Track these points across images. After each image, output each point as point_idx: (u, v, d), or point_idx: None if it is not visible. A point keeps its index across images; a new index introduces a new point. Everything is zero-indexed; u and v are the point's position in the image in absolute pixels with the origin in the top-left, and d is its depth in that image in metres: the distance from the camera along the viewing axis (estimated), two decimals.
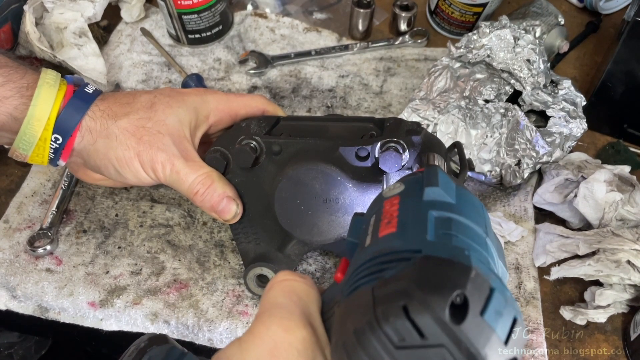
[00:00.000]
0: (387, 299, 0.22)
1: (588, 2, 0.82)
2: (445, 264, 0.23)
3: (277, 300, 0.28)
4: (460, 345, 0.21)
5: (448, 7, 0.76)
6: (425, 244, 0.24)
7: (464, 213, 0.26)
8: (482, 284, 0.22)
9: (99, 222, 0.60)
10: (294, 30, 0.79)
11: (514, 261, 0.58)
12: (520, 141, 0.60)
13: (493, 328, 0.21)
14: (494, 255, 0.26)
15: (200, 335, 0.53)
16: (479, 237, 0.26)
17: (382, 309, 0.22)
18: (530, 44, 0.62)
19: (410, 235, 0.25)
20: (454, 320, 0.21)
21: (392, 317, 0.22)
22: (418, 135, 0.47)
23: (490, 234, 0.27)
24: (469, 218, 0.26)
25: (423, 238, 0.25)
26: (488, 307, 0.21)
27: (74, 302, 0.54)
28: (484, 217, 0.28)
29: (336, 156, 0.48)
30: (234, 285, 0.56)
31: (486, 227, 0.27)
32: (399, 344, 0.22)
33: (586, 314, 0.54)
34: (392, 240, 0.26)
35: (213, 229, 0.60)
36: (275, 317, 0.27)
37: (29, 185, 0.61)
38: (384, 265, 0.25)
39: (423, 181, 0.28)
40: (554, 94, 0.62)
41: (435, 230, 0.25)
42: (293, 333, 0.26)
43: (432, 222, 0.26)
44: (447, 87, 0.64)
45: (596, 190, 0.56)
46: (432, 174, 0.28)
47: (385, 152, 0.46)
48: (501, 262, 0.27)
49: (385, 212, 0.28)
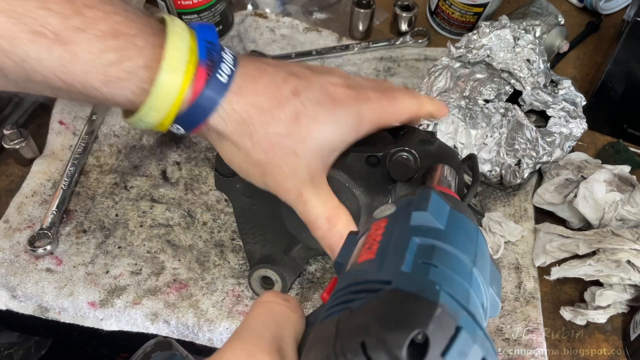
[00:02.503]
0: (347, 334, 0.22)
1: (588, 2, 0.82)
2: (411, 299, 0.22)
3: (249, 324, 0.27)
4: None
5: (448, 8, 0.76)
6: (397, 275, 0.24)
7: (451, 240, 0.25)
8: (447, 323, 0.21)
9: (99, 222, 0.60)
10: (294, 30, 0.79)
11: (514, 261, 0.58)
12: (520, 141, 0.60)
13: None
14: (480, 286, 0.25)
15: (200, 335, 0.53)
16: (463, 266, 0.25)
17: (341, 344, 0.21)
18: (530, 44, 0.63)
19: (386, 264, 0.24)
20: None
21: (350, 354, 0.21)
22: (431, 145, 0.46)
23: (480, 263, 0.26)
24: (456, 246, 0.25)
25: (397, 268, 0.24)
26: (451, 348, 0.20)
27: (74, 302, 0.54)
28: (476, 244, 0.27)
29: (346, 162, 0.46)
30: (234, 285, 0.56)
31: (475, 256, 0.26)
32: None
33: (586, 315, 0.54)
34: (368, 267, 0.25)
35: (213, 229, 0.60)
36: (242, 342, 0.26)
37: (29, 185, 0.61)
38: (355, 295, 0.24)
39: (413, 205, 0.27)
40: (554, 94, 0.62)
41: (414, 260, 0.24)
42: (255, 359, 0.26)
43: (412, 251, 0.25)
44: (447, 87, 0.64)
45: (596, 190, 0.56)
46: (424, 197, 0.27)
47: (396, 160, 0.44)
48: (493, 291, 0.26)
49: (370, 236, 0.27)
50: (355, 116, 0.43)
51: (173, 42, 0.37)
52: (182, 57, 0.37)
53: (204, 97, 0.38)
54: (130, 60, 0.36)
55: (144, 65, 0.37)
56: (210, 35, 0.39)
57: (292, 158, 0.41)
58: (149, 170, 0.64)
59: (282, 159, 0.41)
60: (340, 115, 0.42)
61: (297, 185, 0.42)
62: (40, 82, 0.37)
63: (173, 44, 0.37)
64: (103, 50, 0.36)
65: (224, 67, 0.39)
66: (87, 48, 0.35)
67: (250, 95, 0.40)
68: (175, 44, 0.37)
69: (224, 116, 0.39)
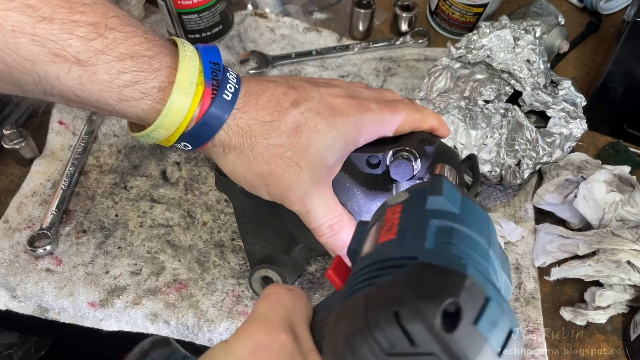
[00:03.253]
0: (379, 305, 0.22)
1: (588, 2, 0.82)
2: (440, 271, 0.23)
3: (261, 310, 0.29)
4: (451, 355, 0.21)
5: (448, 8, 0.76)
6: (423, 251, 0.24)
7: (467, 223, 0.26)
8: (477, 293, 0.22)
9: (99, 222, 0.60)
10: (294, 30, 0.79)
11: (514, 261, 0.58)
12: (520, 142, 0.60)
13: (486, 338, 0.21)
14: (496, 267, 0.26)
15: (200, 336, 0.53)
16: (481, 248, 0.25)
17: (374, 314, 0.22)
18: (530, 44, 0.63)
19: (408, 243, 0.25)
20: (445, 329, 0.21)
21: (383, 323, 0.21)
22: (431, 145, 0.46)
23: (494, 246, 0.27)
24: (472, 229, 0.26)
25: (421, 246, 0.24)
26: (482, 317, 0.21)
27: (74, 302, 0.54)
28: (489, 228, 0.28)
29: (346, 162, 0.46)
30: (234, 285, 0.56)
31: (490, 239, 0.27)
32: (389, 350, 0.21)
33: (586, 315, 0.54)
34: (390, 247, 0.26)
35: (213, 229, 0.60)
36: (258, 322, 0.28)
37: (29, 185, 0.61)
38: (380, 272, 0.24)
39: (427, 190, 0.28)
40: (554, 95, 0.62)
41: (435, 239, 0.25)
42: (273, 336, 0.27)
43: (432, 231, 0.25)
44: (447, 87, 0.64)
45: (596, 190, 0.56)
46: (437, 183, 0.28)
47: (396, 160, 0.45)
48: (505, 275, 0.27)
49: (387, 219, 0.28)
50: (356, 125, 0.44)
51: (184, 65, 0.39)
52: (192, 79, 0.39)
53: (211, 115, 0.40)
54: (146, 82, 0.38)
55: (157, 86, 0.39)
56: (214, 57, 0.42)
57: (294, 169, 0.42)
58: (149, 171, 0.64)
59: (285, 169, 0.42)
60: (340, 125, 0.43)
61: (301, 196, 0.43)
62: (56, 95, 0.38)
63: (184, 67, 0.39)
64: (120, 72, 0.37)
65: (229, 86, 0.41)
66: (105, 69, 0.37)
67: (252, 111, 0.42)
68: (187, 67, 0.39)
69: (228, 132, 0.41)
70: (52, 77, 0.36)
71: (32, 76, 0.36)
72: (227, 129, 0.41)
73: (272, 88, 0.43)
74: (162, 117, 0.39)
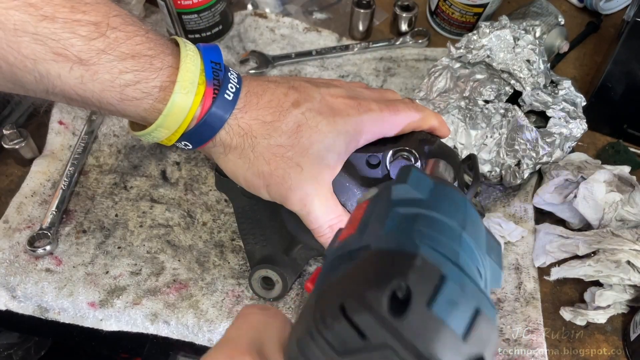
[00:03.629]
0: (326, 302, 0.21)
1: (588, 2, 0.82)
2: (388, 255, 0.21)
3: (229, 335, 0.29)
4: (405, 343, 0.18)
5: (448, 8, 0.76)
6: (376, 238, 0.22)
7: (435, 208, 0.24)
8: (430, 272, 0.19)
9: (99, 222, 0.60)
10: (294, 30, 0.79)
11: (514, 261, 0.58)
12: (520, 141, 0.60)
13: (443, 320, 0.19)
14: (473, 251, 0.24)
15: (200, 336, 0.53)
16: (450, 230, 0.23)
17: (320, 313, 0.20)
18: (530, 44, 0.62)
19: (366, 234, 0.24)
20: (394, 315, 0.19)
21: (329, 319, 0.20)
22: (431, 145, 0.46)
23: (470, 229, 0.25)
24: (442, 213, 0.24)
25: (376, 234, 0.23)
26: (437, 298, 0.19)
27: (73, 302, 0.54)
28: (464, 212, 0.26)
29: (346, 162, 0.46)
30: (234, 285, 0.56)
31: (464, 222, 0.25)
32: (340, 349, 0.20)
33: (586, 315, 0.54)
34: (349, 240, 0.24)
35: (213, 229, 0.60)
36: (222, 346, 0.28)
37: (28, 185, 0.61)
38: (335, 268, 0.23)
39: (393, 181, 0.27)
40: (554, 95, 0.62)
41: (395, 226, 0.23)
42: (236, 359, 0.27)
43: (393, 219, 0.24)
44: (447, 87, 0.64)
45: (596, 190, 0.56)
46: (403, 173, 0.26)
47: (396, 160, 0.45)
48: (491, 258, 0.25)
49: (352, 217, 0.27)
50: (356, 125, 0.43)
51: (186, 64, 0.39)
52: (193, 79, 0.39)
53: (212, 115, 0.40)
54: (148, 81, 0.38)
55: (159, 86, 0.39)
56: (215, 56, 0.42)
57: (295, 169, 0.42)
58: (149, 171, 0.64)
59: (285, 170, 0.42)
60: (341, 125, 0.43)
61: (301, 196, 0.43)
62: (57, 94, 0.38)
63: (186, 66, 0.39)
64: (122, 71, 0.37)
65: (230, 86, 0.41)
66: (107, 69, 0.37)
67: (253, 111, 0.42)
68: (188, 66, 0.39)
69: (229, 132, 0.41)
70: (53, 76, 0.36)
71: (33, 75, 0.36)
72: (228, 129, 0.41)
73: (273, 88, 0.43)
74: (164, 116, 0.39)
